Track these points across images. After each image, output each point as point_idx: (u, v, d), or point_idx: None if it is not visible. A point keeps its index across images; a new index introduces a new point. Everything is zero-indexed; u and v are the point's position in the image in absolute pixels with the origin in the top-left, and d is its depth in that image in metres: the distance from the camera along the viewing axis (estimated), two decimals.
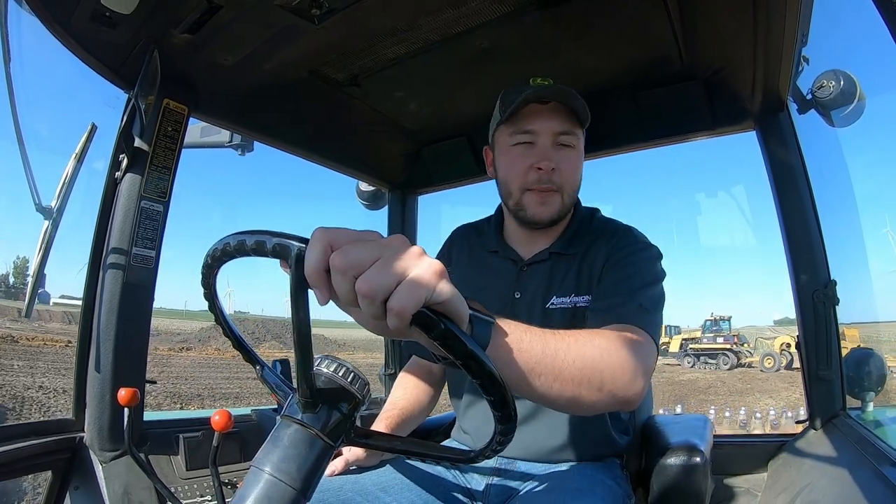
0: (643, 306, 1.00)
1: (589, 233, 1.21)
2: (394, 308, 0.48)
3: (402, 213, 2.32)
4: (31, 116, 1.45)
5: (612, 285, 1.07)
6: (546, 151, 1.12)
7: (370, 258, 0.48)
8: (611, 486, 1.08)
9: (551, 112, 1.12)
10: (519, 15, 1.29)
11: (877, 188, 19.76)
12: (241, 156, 2.23)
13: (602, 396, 0.77)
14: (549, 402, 0.73)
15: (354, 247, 0.49)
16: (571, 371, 0.72)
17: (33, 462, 1.33)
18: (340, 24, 1.27)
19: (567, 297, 1.14)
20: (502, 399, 0.56)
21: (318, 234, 0.50)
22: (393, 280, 0.48)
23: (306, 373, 0.55)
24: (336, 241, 0.49)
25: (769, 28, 1.23)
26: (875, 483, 1.04)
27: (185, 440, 1.49)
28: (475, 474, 1.18)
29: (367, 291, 0.48)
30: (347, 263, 0.48)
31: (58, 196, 1.40)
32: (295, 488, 0.54)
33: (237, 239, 0.55)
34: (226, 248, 0.57)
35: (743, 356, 27.59)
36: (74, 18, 1.21)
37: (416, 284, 0.49)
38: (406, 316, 0.49)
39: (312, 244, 0.49)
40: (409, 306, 0.48)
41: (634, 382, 0.81)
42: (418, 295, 0.49)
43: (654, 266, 1.12)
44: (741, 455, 1.70)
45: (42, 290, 1.48)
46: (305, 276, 0.49)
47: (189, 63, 1.39)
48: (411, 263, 0.50)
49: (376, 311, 0.49)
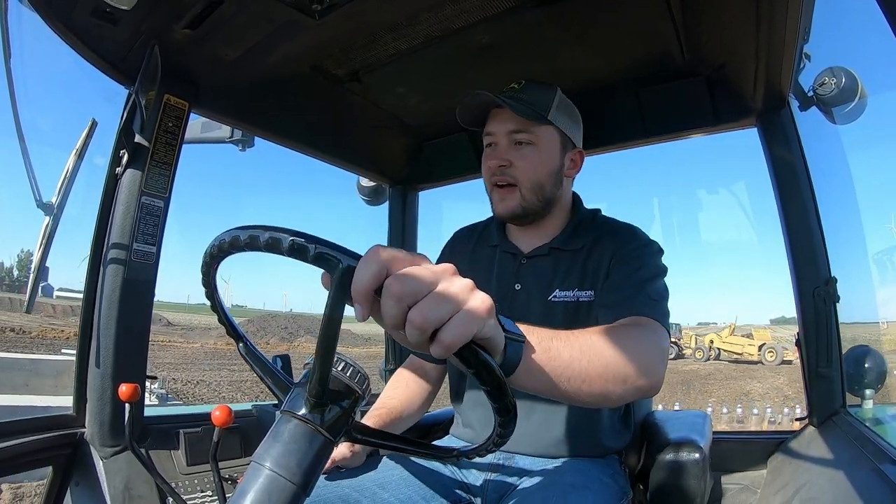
0: (651, 297, 1.04)
1: (591, 230, 1.24)
2: (444, 341, 0.48)
3: (402, 208, 2.32)
4: (31, 112, 1.45)
5: (620, 280, 1.11)
6: (501, 151, 1.20)
7: (427, 287, 0.48)
8: (608, 483, 1.09)
9: (505, 112, 1.18)
10: (521, 11, 1.29)
11: (878, 186, 19.85)
12: (241, 151, 2.23)
13: (627, 388, 0.79)
14: (578, 401, 0.75)
15: (411, 274, 0.48)
16: (598, 370, 0.74)
17: (34, 458, 1.33)
18: (341, 20, 1.26)
19: (570, 291, 1.17)
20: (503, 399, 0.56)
21: (375, 254, 0.49)
22: (446, 313, 0.48)
23: (323, 377, 0.55)
24: (393, 263, 0.49)
25: (771, 24, 1.23)
26: (874, 480, 1.04)
27: (185, 435, 1.49)
28: (473, 470, 1.19)
29: (420, 323, 0.47)
30: (405, 292, 0.47)
31: (58, 192, 1.40)
32: (295, 483, 0.54)
33: (270, 235, 0.52)
34: (253, 240, 0.54)
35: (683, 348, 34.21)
36: (75, 14, 1.21)
37: (469, 319, 0.49)
38: (455, 349, 0.49)
39: (368, 263, 0.48)
40: (460, 341, 0.48)
41: (656, 370, 0.84)
42: (469, 330, 0.49)
43: (658, 261, 1.16)
44: (740, 452, 1.70)
45: (45, 283, 1.48)
46: (353, 292, 0.48)
47: (190, 58, 1.39)
48: (465, 298, 0.50)
49: (423, 341, 0.49)
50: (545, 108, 1.18)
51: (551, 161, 1.20)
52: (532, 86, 1.21)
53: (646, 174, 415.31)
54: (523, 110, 1.15)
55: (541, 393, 0.68)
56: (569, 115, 1.24)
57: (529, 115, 1.16)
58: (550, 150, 1.20)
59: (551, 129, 1.20)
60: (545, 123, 1.18)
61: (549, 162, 1.20)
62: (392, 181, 2.32)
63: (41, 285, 1.46)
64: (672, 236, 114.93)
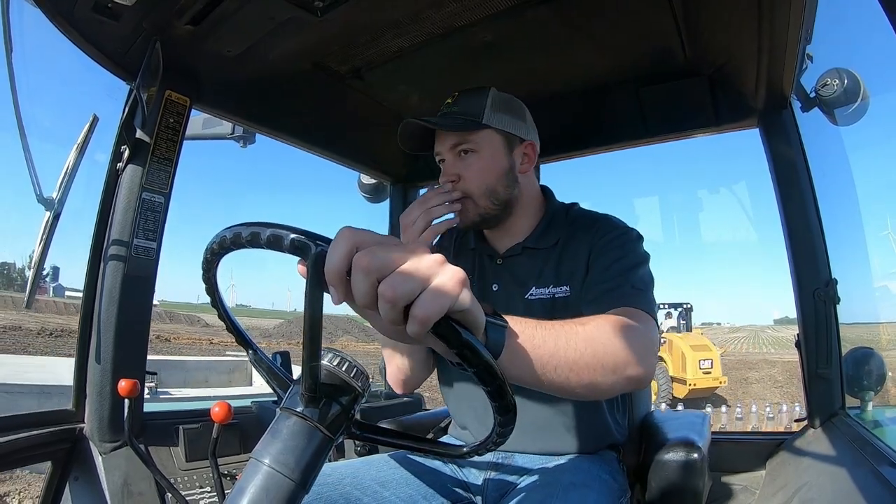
0: (636, 287, 1.03)
1: (564, 225, 1.21)
2: (417, 315, 0.48)
3: (403, 206, 2.31)
4: (32, 107, 1.45)
5: (601, 272, 1.09)
6: (448, 166, 1.18)
7: (395, 262, 0.48)
8: (607, 481, 1.09)
9: (444, 131, 1.17)
10: (522, 9, 1.29)
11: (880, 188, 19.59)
12: (242, 148, 2.23)
13: (617, 378, 0.78)
14: (568, 392, 0.74)
15: (380, 249, 0.48)
16: (585, 359, 0.73)
17: (33, 452, 1.33)
18: (343, 17, 1.26)
19: (546, 288, 1.16)
20: (503, 399, 0.56)
21: (344, 234, 0.49)
22: (417, 286, 0.48)
23: (312, 369, 0.55)
24: (362, 242, 0.49)
25: (773, 24, 1.22)
26: (873, 483, 1.04)
27: (184, 431, 1.49)
28: (473, 468, 1.19)
29: (390, 296, 0.47)
30: (372, 266, 0.47)
31: (59, 187, 1.40)
32: (294, 480, 0.54)
33: (251, 230, 0.54)
34: (236, 237, 0.56)
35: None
36: (77, 9, 1.21)
37: (440, 292, 0.48)
38: (429, 324, 0.48)
39: (338, 242, 0.49)
40: (433, 314, 0.48)
41: (645, 360, 0.83)
42: (442, 302, 0.48)
43: (638, 248, 1.14)
44: (739, 452, 1.70)
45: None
46: (325, 274, 0.49)
47: (191, 54, 1.39)
48: (436, 270, 0.49)
49: (396, 317, 0.49)
50: (478, 114, 1.15)
51: (497, 163, 1.17)
52: (464, 96, 1.18)
53: (645, 175, 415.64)
54: (454, 123, 1.14)
55: (527, 382, 0.68)
56: (508, 111, 1.20)
57: (462, 126, 1.14)
58: (494, 153, 1.17)
59: (490, 132, 1.16)
60: (481, 129, 1.15)
61: (496, 164, 1.17)
62: (393, 178, 2.33)
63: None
64: (672, 236, 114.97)
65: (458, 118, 1.15)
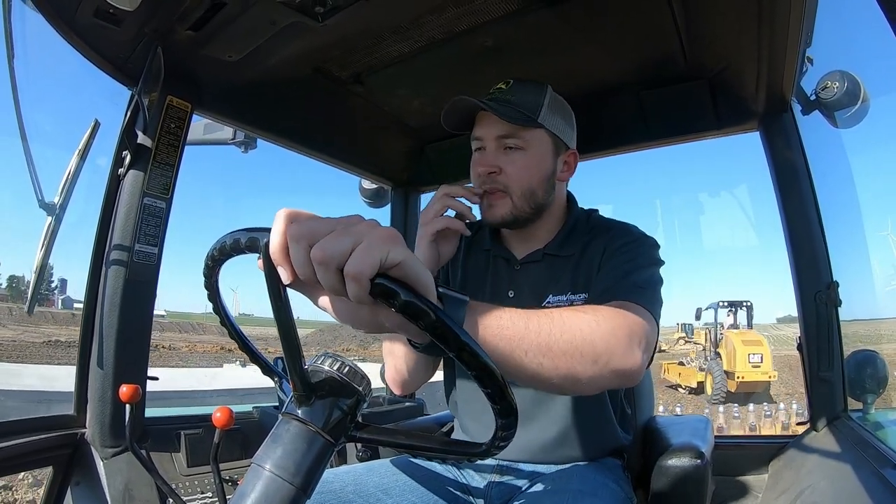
0: (637, 284, 0.98)
1: (585, 232, 1.19)
2: (350, 272, 0.49)
3: (404, 210, 2.32)
4: (34, 112, 1.45)
5: (607, 272, 1.06)
6: (489, 156, 1.12)
7: (326, 228, 0.51)
8: (613, 489, 1.07)
9: (493, 116, 1.10)
10: (523, 13, 1.29)
11: (880, 190, 19.48)
12: (244, 153, 2.23)
13: (599, 369, 0.75)
14: (545, 380, 0.72)
15: (311, 219, 0.52)
16: (560, 345, 0.71)
17: (34, 458, 1.33)
18: (344, 22, 1.27)
19: (563, 295, 1.13)
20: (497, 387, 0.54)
21: (279, 213, 0.52)
22: (347, 246, 0.49)
23: (296, 366, 0.55)
24: (297, 217, 0.52)
25: (773, 28, 1.23)
26: (876, 485, 1.04)
27: (186, 437, 1.49)
28: (476, 475, 1.18)
29: (321, 258, 0.49)
30: (302, 232, 0.50)
31: (61, 192, 1.40)
32: (295, 485, 0.54)
33: (222, 241, 0.57)
34: (222, 247, 0.57)
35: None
36: (78, 15, 1.21)
37: (369, 247, 0.49)
38: (363, 281, 0.49)
39: (275, 223, 0.51)
40: (366, 269, 0.49)
41: (631, 353, 0.79)
42: (372, 257, 0.49)
43: (650, 252, 1.11)
44: (742, 456, 1.70)
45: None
46: (270, 255, 0.51)
47: (193, 60, 1.39)
48: (365, 231, 0.51)
49: (333, 283, 0.50)
50: (535, 110, 1.11)
51: (543, 166, 1.13)
52: (521, 85, 1.13)
53: (647, 176, 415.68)
54: (511, 114, 1.08)
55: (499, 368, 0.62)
56: (561, 114, 1.17)
57: (517, 119, 1.09)
58: (542, 155, 1.13)
59: (542, 133, 1.13)
60: (535, 127, 1.11)
61: (541, 167, 1.13)
62: (394, 183, 2.32)
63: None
64: (673, 236, 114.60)
65: (513, 109, 1.09)
